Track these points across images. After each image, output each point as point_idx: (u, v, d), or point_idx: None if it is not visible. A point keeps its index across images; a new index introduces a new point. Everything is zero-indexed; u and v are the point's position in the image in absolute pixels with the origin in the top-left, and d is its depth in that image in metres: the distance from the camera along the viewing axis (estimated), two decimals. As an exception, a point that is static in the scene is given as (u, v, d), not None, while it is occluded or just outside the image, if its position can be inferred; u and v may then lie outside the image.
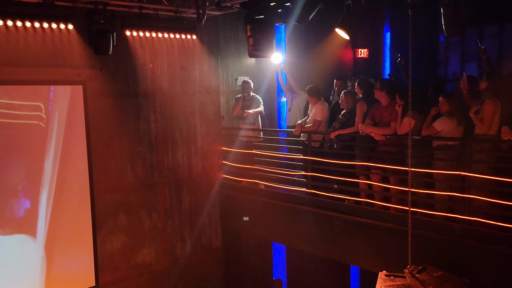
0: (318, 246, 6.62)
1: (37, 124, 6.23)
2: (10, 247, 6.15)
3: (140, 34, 6.72)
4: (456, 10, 4.61)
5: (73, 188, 6.54)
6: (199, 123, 7.77)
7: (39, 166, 6.29)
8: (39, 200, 6.32)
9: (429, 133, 5.50)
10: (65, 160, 6.41)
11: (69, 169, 6.48)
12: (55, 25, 5.87)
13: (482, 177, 5.07)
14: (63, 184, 6.43)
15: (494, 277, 4.86)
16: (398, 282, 4.40)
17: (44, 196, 6.34)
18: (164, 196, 7.47)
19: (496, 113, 5.12)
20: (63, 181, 6.43)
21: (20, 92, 6.06)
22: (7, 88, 5.96)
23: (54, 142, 6.36)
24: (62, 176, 6.41)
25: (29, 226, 6.28)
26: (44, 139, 6.29)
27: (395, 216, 5.70)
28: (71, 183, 6.51)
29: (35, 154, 6.26)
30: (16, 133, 6.10)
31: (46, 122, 6.30)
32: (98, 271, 6.75)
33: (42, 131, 6.27)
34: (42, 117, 6.25)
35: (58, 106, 6.36)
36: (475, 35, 8.62)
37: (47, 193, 6.35)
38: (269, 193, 7.32)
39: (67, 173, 6.45)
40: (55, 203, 6.39)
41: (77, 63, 6.35)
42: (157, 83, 7.23)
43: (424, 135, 5.52)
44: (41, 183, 6.32)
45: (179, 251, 7.68)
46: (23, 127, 6.13)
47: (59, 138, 6.38)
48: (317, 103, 6.93)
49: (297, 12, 6.12)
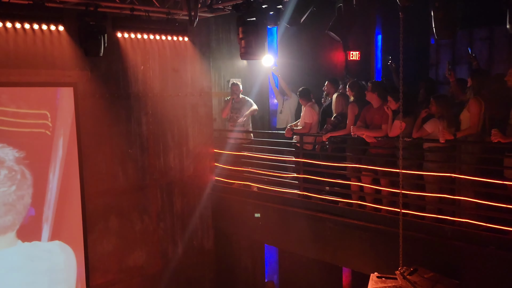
0: (310, 248, 6.62)
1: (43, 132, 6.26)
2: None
3: (131, 36, 6.70)
4: (446, 13, 4.66)
5: (67, 191, 6.50)
6: (191, 125, 7.74)
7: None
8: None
9: (420, 135, 5.53)
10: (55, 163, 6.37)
11: (60, 172, 6.43)
12: (45, 27, 5.82)
13: (471, 178, 5.11)
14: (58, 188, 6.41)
15: (484, 278, 4.89)
16: (389, 284, 4.42)
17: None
18: (156, 198, 7.44)
19: (481, 111, 5.17)
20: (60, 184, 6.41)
21: (26, 100, 6.06)
22: (13, 96, 5.96)
23: (58, 149, 6.39)
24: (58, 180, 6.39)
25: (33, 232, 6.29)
26: (49, 146, 6.33)
27: (386, 218, 5.72)
28: (66, 185, 6.48)
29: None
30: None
31: (52, 130, 6.31)
32: (89, 274, 6.70)
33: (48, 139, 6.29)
34: (48, 126, 6.29)
35: (60, 112, 6.35)
36: (466, 39, 8.70)
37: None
38: (261, 195, 7.32)
39: (59, 176, 6.42)
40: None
41: (68, 64, 6.30)
42: (149, 85, 7.20)
43: (415, 137, 5.55)
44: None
45: (171, 254, 7.64)
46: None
47: (58, 143, 6.38)
48: (307, 105, 6.95)
49: (289, 15, 6.14)
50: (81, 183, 6.56)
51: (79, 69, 6.41)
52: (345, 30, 5.74)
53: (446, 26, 4.78)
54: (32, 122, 6.16)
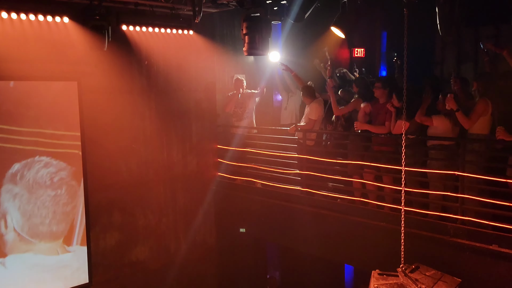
0: (312, 245, 6.62)
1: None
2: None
3: (136, 30, 6.69)
4: (451, 10, 4.62)
5: (68, 185, 6.53)
6: (194, 120, 7.74)
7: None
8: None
9: (422, 122, 5.50)
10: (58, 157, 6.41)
11: (64, 166, 6.46)
12: (50, 18, 5.82)
13: (475, 176, 5.09)
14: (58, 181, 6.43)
15: (487, 276, 4.87)
16: (391, 281, 4.41)
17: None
18: (159, 194, 7.45)
19: (487, 113, 5.15)
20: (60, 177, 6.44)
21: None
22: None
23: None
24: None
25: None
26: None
27: (389, 215, 5.70)
28: (66, 180, 6.51)
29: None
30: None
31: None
32: (92, 268, 6.72)
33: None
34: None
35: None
36: (471, 37, 8.63)
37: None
38: (264, 191, 7.31)
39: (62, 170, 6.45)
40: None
41: (72, 59, 6.31)
42: (153, 80, 7.20)
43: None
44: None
45: (173, 250, 7.65)
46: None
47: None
48: (313, 102, 6.91)
49: (293, 11, 6.12)
50: (84, 178, 6.57)
51: (83, 63, 6.41)
52: (349, 26, 5.70)
53: (451, 23, 4.75)
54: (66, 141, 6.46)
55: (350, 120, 6.42)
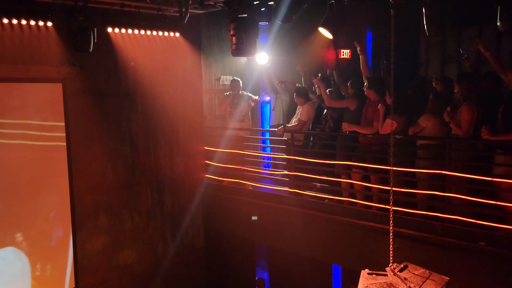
0: (300, 246, 6.62)
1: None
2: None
3: (121, 32, 6.64)
4: (437, 10, 4.67)
5: (53, 188, 6.42)
6: (181, 122, 7.69)
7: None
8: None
9: (415, 130, 5.55)
10: (44, 159, 6.30)
11: (49, 169, 6.36)
12: (33, 22, 5.75)
13: (461, 175, 5.14)
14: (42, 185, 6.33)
15: (475, 274, 4.92)
16: (380, 280, 4.41)
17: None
18: (146, 196, 7.38)
19: (475, 116, 5.19)
20: (42, 182, 6.32)
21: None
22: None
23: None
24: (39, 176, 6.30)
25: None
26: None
27: (377, 215, 5.73)
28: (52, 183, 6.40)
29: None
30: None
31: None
32: (78, 272, 6.62)
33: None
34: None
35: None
36: (455, 37, 8.73)
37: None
38: (252, 192, 7.30)
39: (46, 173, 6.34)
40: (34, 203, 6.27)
41: (57, 60, 6.23)
42: (139, 82, 7.14)
43: (410, 134, 5.56)
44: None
45: (161, 252, 7.59)
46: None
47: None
48: (306, 104, 6.92)
49: (281, 11, 6.12)
50: (70, 180, 6.48)
51: (68, 65, 6.34)
52: (337, 26, 5.72)
53: (437, 23, 4.80)
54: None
55: (339, 121, 6.43)
